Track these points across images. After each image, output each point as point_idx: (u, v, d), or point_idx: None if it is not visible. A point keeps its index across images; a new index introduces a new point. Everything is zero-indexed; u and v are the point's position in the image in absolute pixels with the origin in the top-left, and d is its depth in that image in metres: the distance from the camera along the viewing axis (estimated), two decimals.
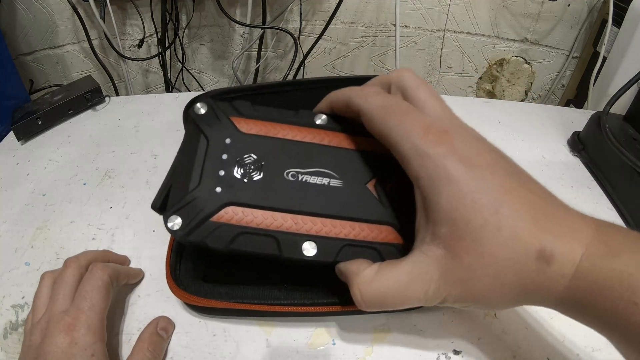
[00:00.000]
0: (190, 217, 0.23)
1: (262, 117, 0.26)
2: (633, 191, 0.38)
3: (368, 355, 0.29)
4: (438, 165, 0.19)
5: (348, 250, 0.24)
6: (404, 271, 0.21)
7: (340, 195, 0.24)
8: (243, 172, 0.25)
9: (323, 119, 0.27)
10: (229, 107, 0.26)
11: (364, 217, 0.24)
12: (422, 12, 0.73)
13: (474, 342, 0.29)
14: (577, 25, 0.71)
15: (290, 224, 0.24)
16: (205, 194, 0.24)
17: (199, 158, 0.25)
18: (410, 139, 0.20)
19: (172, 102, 0.57)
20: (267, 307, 0.28)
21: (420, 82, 0.23)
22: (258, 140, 0.25)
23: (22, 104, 0.54)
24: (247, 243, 0.23)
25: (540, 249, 0.18)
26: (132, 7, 0.70)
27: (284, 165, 0.25)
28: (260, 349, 0.29)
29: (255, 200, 0.24)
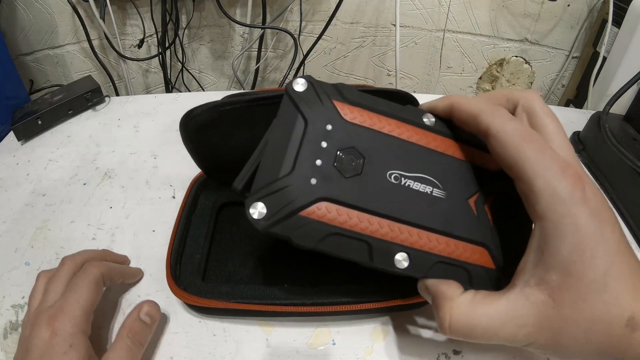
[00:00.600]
0: (277, 207, 0.21)
1: (368, 106, 0.23)
2: (633, 191, 0.38)
3: (368, 355, 0.29)
4: (569, 212, 0.19)
5: (440, 267, 0.22)
6: (500, 309, 0.20)
7: (441, 207, 0.22)
8: (342, 165, 0.22)
9: (432, 120, 0.24)
10: (332, 89, 0.24)
11: (461, 234, 0.22)
12: (422, 12, 0.73)
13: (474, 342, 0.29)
14: (577, 25, 0.71)
15: (387, 231, 0.22)
16: (298, 184, 0.21)
17: (294, 141, 0.22)
18: (547, 177, 0.19)
19: (172, 102, 0.57)
20: (267, 306, 0.28)
21: (549, 111, 0.22)
22: (362, 132, 0.23)
23: (22, 104, 0.54)
24: (337, 245, 0.21)
25: (631, 316, 0.18)
26: (132, 7, 0.70)
27: (388, 165, 0.22)
28: (260, 349, 0.29)
29: (352, 200, 0.21)
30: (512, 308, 0.20)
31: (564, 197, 0.19)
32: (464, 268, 0.22)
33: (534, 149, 0.20)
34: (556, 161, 0.20)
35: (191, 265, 0.31)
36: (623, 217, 0.39)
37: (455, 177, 0.23)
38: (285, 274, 0.32)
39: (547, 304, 0.19)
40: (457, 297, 0.21)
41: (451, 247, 0.22)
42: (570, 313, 0.19)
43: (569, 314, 0.19)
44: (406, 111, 0.24)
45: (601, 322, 0.18)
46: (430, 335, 0.30)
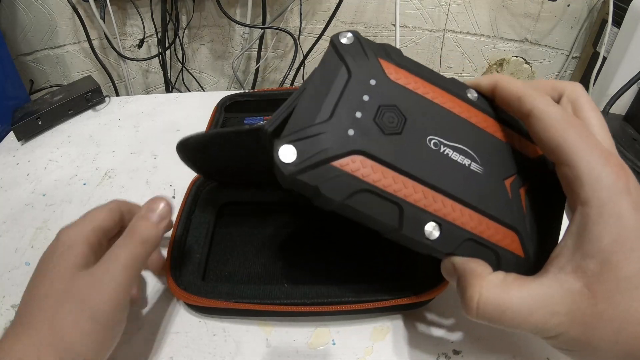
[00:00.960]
0: (309, 153, 0.20)
1: (413, 70, 0.23)
2: None
3: (368, 355, 0.29)
4: (612, 199, 0.18)
5: (469, 245, 0.21)
6: (533, 294, 0.19)
7: (477, 182, 0.21)
8: (383, 121, 0.21)
9: (475, 95, 0.23)
10: (379, 47, 0.23)
11: (495, 214, 0.21)
12: (422, 12, 0.73)
13: (474, 342, 0.29)
14: (577, 25, 0.71)
15: (420, 197, 0.20)
16: (334, 132, 0.20)
17: (335, 90, 0.21)
18: (591, 162, 0.19)
19: (172, 102, 0.57)
20: (267, 306, 0.28)
21: (594, 105, 0.22)
22: (405, 93, 0.22)
23: (22, 104, 0.54)
24: (366, 204, 0.20)
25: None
26: (132, 7, 0.70)
27: (428, 130, 0.21)
28: (260, 349, 0.29)
29: (389, 158, 0.20)
30: (545, 293, 0.19)
31: (608, 184, 0.18)
32: (494, 251, 0.21)
33: (579, 134, 0.19)
34: (600, 148, 0.19)
35: (191, 265, 0.31)
36: None
37: (494, 155, 0.22)
38: (286, 273, 0.32)
39: (582, 294, 0.18)
40: (487, 276, 0.20)
41: (483, 226, 0.21)
42: (604, 308, 0.18)
43: (604, 308, 0.18)
44: (451, 83, 0.23)
45: (634, 324, 0.18)
46: (430, 335, 0.30)
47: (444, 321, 0.30)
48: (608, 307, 0.18)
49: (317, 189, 0.20)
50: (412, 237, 0.21)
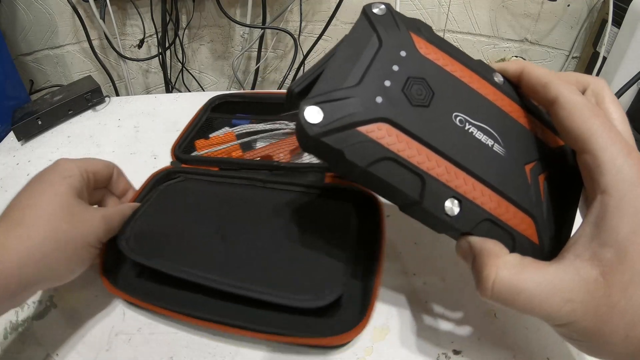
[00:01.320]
0: (335, 115, 0.19)
1: (443, 47, 0.23)
2: None
3: (368, 355, 0.29)
4: (633, 190, 0.18)
5: (487, 225, 0.21)
6: (549, 278, 0.19)
7: (499, 164, 0.21)
8: (411, 93, 0.21)
9: (501, 80, 0.24)
10: (411, 21, 0.23)
11: (514, 197, 0.21)
12: (422, 12, 0.73)
13: (474, 342, 0.29)
14: (577, 25, 0.71)
15: (443, 171, 0.20)
16: (362, 97, 0.20)
17: (365, 57, 0.21)
18: (614, 152, 0.19)
19: (172, 102, 0.57)
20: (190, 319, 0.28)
21: (617, 100, 0.22)
22: (434, 68, 0.22)
23: (22, 104, 0.54)
24: (389, 172, 0.20)
25: None
26: (132, 7, 0.70)
27: (455, 106, 0.22)
28: (261, 349, 0.29)
29: (415, 129, 0.20)
30: (561, 279, 0.19)
31: (630, 175, 0.19)
32: (511, 234, 0.21)
33: (603, 124, 0.20)
34: (623, 141, 0.19)
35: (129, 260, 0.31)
36: None
37: (516, 139, 0.22)
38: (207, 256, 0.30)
39: (597, 282, 0.18)
40: (504, 256, 0.20)
41: (502, 208, 0.21)
42: (618, 299, 0.18)
43: (617, 300, 0.18)
44: (479, 64, 0.24)
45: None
46: (430, 336, 0.30)
47: (444, 321, 0.30)
48: (622, 298, 0.18)
49: (341, 153, 0.19)
50: (433, 212, 0.20)
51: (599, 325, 0.18)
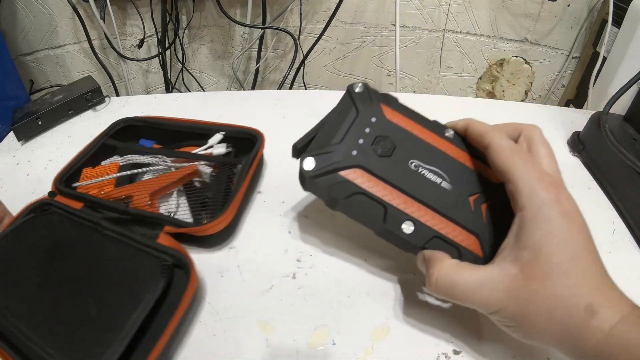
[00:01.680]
0: (324, 163, 0.28)
1: (405, 114, 0.30)
2: (633, 191, 0.38)
3: (368, 355, 0.29)
4: (543, 205, 0.23)
5: (436, 241, 0.27)
6: (478, 274, 0.24)
7: (446, 196, 0.28)
8: (378, 147, 0.29)
9: (451, 134, 0.30)
10: (381, 95, 0.31)
11: (458, 220, 0.27)
12: (422, 12, 0.73)
13: (474, 342, 0.29)
14: (577, 25, 0.71)
15: (401, 202, 0.27)
16: (343, 151, 0.28)
17: (346, 123, 0.29)
18: (528, 178, 0.24)
19: (172, 102, 0.57)
20: None
21: (545, 141, 0.28)
22: (397, 129, 0.30)
23: (22, 104, 0.54)
24: (361, 203, 0.27)
25: (590, 303, 0.21)
26: (132, 7, 0.70)
27: (411, 155, 0.29)
28: (260, 349, 0.29)
29: (380, 172, 0.28)
30: (488, 275, 0.24)
31: (540, 195, 0.24)
32: (457, 248, 0.27)
33: (521, 159, 0.25)
34: (537, 170, 0.25)
35: None
36: (623, 217, 0.39)
37: (462, 177, 0.29)
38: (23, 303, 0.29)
39: (517, 276, 0.23)
40: (446, 260, 0.26)
41: (449, 228, 0.27)
42: (537, 288, 0.22)
43: (536, 288, 0.22)
44: (434, 124, 0.31)
45: (563, 301, 0.22)
46: (430, 336, 0.30)
47: (444, 321, 0.30)
48: (540, 287, 0.22)
49: (327, 190, 0.27)
50: (392, 231, 0.27)
51: (524, 312, 0.23)
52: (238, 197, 0.35)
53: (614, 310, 0.21)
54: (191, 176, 0.39)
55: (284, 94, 0.57)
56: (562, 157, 0.46)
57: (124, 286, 0.29)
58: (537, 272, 0.22)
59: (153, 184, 0.37)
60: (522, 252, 0.23)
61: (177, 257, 0.31)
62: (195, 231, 0.33)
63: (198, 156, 0.41)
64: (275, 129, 0.45)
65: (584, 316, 0.21)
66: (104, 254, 0.32)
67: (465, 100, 0.57)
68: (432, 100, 0.56)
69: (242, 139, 0.43)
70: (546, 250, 0.22)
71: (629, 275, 0.33)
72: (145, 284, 0.29)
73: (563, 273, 0.22)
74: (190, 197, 0.38)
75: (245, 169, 0.38)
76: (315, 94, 0.59)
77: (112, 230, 0.33)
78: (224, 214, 0.33)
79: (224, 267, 0.34)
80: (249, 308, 0.32)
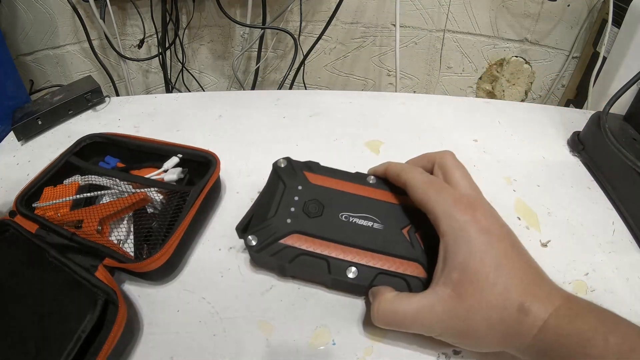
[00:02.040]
0: (264, 237, 0.31)
1: (327, 174, 0.34)
2: (633, 191, 0.38)
3: (368, 355, 0.29)
4: (462, 227, 0.25)
5: (382, 277, 0.29)
6: (415, 301, 0.26)
7: (380, 235, 0.31)
8: (308, 210, 0.32)
9: (373, 179, 0.34)
10: (303, 164, 0.35)
11: (397, 253, 0.30)
12: (422, 12, 0.73)
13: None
14: (577, 25, 0.71)
15: (339, 252, 0.30)
16: (278, 223, 0.31)
17: (277, 197, 0.33)
18: (444, 206, 0.27)
19: (172, 102, 0.57)
20: None
21: (458, 164, 0.30)
22: (323, 190, 0.33)
23: (22, 104, 0.54)
24: (305, 262, 0.30)
25: (521, 303, 0.23)
26: (132, 7, 0.70)
27: (340, 209, 0.32)
28: (260, 349, 0.29)
29: (314, 232, 0.31)
30: (425, 301, 0.26)
31: (457, 219, 0.26)
32: (402, 277, 0.29)
33: (435, 190, 0.28)
34: (451, 195, 0.27)
35: None
36: (623, 217, 0.39)
37: (391, 215, 0.32)
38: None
39: (451, 296, 0.25)
40: (386, 293, 0.28)
41: (389, 262, 0.29)
42: (471, 303, 0.24)
43: (471, 303, 0.24)
44: (355, 176, 0.34)
45: (497, 309, 0.23)
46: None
47: None
48: (474, 301, 0.24)
49: (273, 258, 0.30)
50: (340, 279, 0.29)
51: (464, 327, 0.24)
52: (180, 230, 0.33)
53: (544, 305, 0.23)
54: (140, 203, 0.37)
55: (284, 94, 0.57)
56: (562, 157, 0.46)
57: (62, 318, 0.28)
58: (468, 289, 0.24)
59: (104, 210, 0.36)
60: (451, 273, 0.25)
61: (107, 293, 0.29)
62: (132, 267, 0.31)
63: (149, 181, 0.38)
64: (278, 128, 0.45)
65: (517, 316, 0.23)
66: (48, 281, 0.31)
67: (465, 100, 0.57)
68: (432, 100, 0.56)
69: (198, 162, 0.40)
70: (472, 267, 0.24)
71: (629, 275, 0.33)
72: (81, 317, 0.28)
73: (491, 284, 0.24)
74: (137, 226, 0.36)
75: (193, 198, 0.35)
76: (315, 94, 0.59)
77: (55, 258, 0.32)
78: (163, 249, 0.31)
79: (224, 267, 0.34)
80: (249, 308, 0.32)
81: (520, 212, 0.39)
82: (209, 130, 0.50)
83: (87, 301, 0.29)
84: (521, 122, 0.51)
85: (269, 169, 0.35)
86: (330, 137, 0.48)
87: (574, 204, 0.40)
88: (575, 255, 0.35)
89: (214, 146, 0.41)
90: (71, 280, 0.31)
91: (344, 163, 0.36)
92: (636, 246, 0.37)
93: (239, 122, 0.51)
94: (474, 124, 0.51)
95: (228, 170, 0.43)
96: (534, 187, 0.42)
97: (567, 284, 0.33)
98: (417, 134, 0.49)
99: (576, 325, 0.22)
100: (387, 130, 0.49)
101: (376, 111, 0.53)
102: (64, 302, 0.30)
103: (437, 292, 0.25)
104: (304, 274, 0.32)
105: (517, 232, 0.27)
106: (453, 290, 0.25)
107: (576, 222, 0.38)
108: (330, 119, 0.52)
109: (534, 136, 0.49)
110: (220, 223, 0.38)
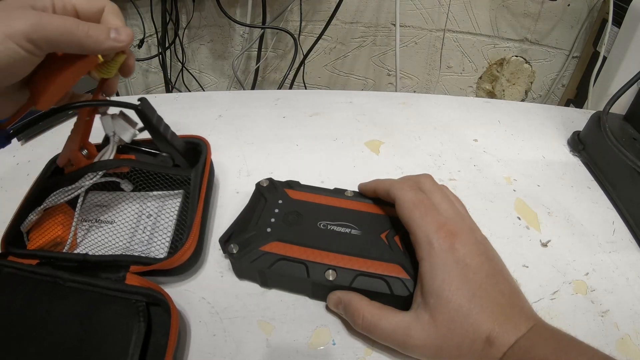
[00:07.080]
0: (245, 245, 0.32)
1: (307, 190, 0.36)
2: (633, 191, 0.38)
3: (368, 355, 0.29)
4: (439, 256, 0.26)
5: (362, 279, 0.30)
6: (397, 319, 0.27)
7: (358, 240, 0.32)
8: (288, 220, 0.33)
9: (350, 192, 0.36)
10: (285, 183, 0.37)
11: (375, 256, 0.31)
12: (422, 12, 0.73)
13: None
14: (577, 25, 0.71)
15: (317, 256, 0.31)
16: (259, 232, 0.33)
17: (258, 211, 0.35)
18: (426, 231, 0.27)
19: (172, 102, 0.57)
20: None
21: (436, 187, 0.31)
22: (302, 203, 0.35)
23: None
24: (284, 266, 0.31)
25: (489, 335, 0.24)
26: (132, 7, 0.70)
27: (318, 219, 0.34)
28: (260, 349, 0.29)
29: (293, 239, 0.32)
30: (404, 321, 0.27)
31: (436, 246, 0.26)
32: (382, 279, 0.29)
33: (420, 213, 0.28)
34: (435, 221, 0.28)
35: None
36: (623, 217, 0.39)
37: (368, 222, 0.33)
38: None
39: (430, 323, 0.25)
40: (369, 304, 0.28)
41: (368, 264, 0.30)
42: (445, 332, 0.25)
43: (445, 332, 0.25)
44: (334, 191, 0.36)
45: (467, 339, 0.24)
46: None
47: None
48: (447, 331, 0.25)
49: (253, 264, 0.31)
50: (320, 282, 0.30)
51: (438, 351, 0.26)
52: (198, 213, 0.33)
53: (509, 335, 0.24)
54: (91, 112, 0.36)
55: (283, 94, 0.57)
56: (562, 156, 0.46)
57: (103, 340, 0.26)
58: (443, 317, 0.25)
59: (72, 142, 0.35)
60: (428, 298, 0.26)
61: (150, 295, 0.28)
62: (163, 266, 0.31)
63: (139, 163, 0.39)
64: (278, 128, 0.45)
65: (484, 347, 0.24)
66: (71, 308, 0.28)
67: (465, 100, 0.57)
68: (432, 100, 0.56)
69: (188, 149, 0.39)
70: (446, 296, 0.25)
71: (629, 275, 0.33)
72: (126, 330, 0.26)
73: (464, 315, 0.25)
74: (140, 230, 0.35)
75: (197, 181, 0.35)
76: (315, 93, 0.59)
77: (73, 281, 0.29)
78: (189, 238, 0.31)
79: (225, 267, 0.34)
80: (249, 308, 0.32)
81: (520, 212, 0.39)
82: (209, 130, 0.50)
83: (126, 312, 0.27)
84: (521, 121, 0.51)
85: (269, 169, 0.36)
86: (330, 136, 0.48)
87: (574, 204, 0.40)
88: (575, 255, 0.35)
89: (214, 146, 0.41)
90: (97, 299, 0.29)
91: (344, 163, 0.36)
92: (636, 246, 0.37)
93: (239, 122, 0.51)
94: (474, 123, 0.51)
95: (228, 170, 0.43)
96: (534, 187, 0.42)
97: (567, 284, 0.33)
98: (417, 134, 0.49)
99: (536, 353, 0.23)
100: (387, 130, 0.49)
101: (376, 111, 0.53)
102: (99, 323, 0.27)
103: (417, 316, 0.26)
104: (284, 279, 0.32)
105: (517, 232, 0.27)
106: (431, 317, 0.26)
107: (576, 222, 0.38)
108: (330, 118, 0.52)
109: (534, 136, 0.49)
110: (220, 223, 0.38)
